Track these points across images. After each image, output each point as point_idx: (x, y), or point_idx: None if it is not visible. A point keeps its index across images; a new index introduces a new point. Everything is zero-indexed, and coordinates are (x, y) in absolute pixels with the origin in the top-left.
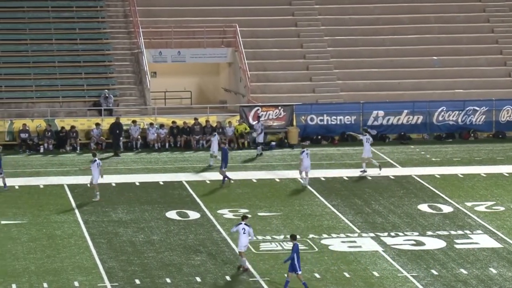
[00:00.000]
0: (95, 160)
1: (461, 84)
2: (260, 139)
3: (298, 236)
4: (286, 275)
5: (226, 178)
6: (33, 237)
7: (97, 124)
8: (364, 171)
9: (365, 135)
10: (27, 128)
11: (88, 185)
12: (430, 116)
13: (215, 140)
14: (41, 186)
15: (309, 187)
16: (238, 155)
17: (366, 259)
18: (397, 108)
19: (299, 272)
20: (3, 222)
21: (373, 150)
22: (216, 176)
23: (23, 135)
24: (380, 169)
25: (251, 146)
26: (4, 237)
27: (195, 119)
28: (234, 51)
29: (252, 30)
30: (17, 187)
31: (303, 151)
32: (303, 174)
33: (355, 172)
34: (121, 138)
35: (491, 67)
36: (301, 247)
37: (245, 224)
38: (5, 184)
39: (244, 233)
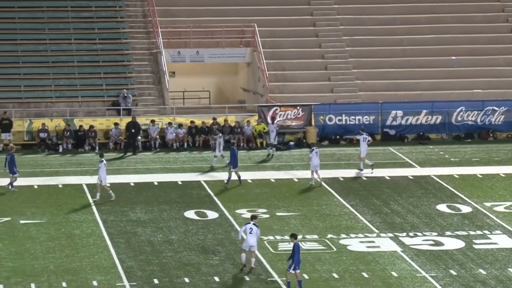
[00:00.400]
0: (102, 161)
1: (480, 84)
2: (272, 140)
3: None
4: (287, 274)
5: (239, 178)
6: (52, 237)
7: (116, 124)
8: (361, 170)
9: (362, 134)
10: (46, 127)
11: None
12: (449, 116)
13: (219, 141)
14: (60, 186)
15: (326, 186)
16: (256, 155)
17: (385, 259)
18: (416, 108)
19: (298, 270)
20: (22, 221)
21: (391, 150)
22: (234, 176)
23: (42, 135)
24: (372, 169)
25: (268, 146)
26: (23, 236)
27: (214, 118)
28: (253, 51)
29: (270, 30)
30: (36, 187)
31: (312, 150)
32: (314, 174)
33: (374, 172)
34: (139, 138)
35: (510, 67)
36: (319, 247)
37: (253, 224)
38: (11, 184)
39: (251, 232)
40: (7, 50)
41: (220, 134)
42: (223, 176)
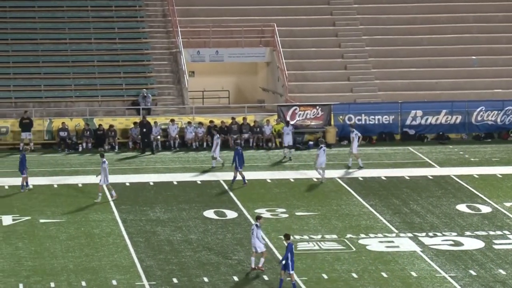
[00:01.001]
0: (104, 161)
1: (500, 84)
2: (287, 143)
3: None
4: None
5: (243, 179)
6: (71, 236)
7: (135, 123)
8: (361, 167)
9: (353, 131)
10: (66, 127)
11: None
12: (468, 116)
13: (217, 141)
14: (80, 185)
15: (345, 185)
16: (275, 154)
17: (404, 259)
18: (436, 108)
19: (291, 272)
20: (42, 220)
21: (411, 150)
22: (253, 175)
23: (62, 134)
24: (349, 169)
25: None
26: (43, 235)
27: (233, 118)
28: (272, 51)
29: (290, 30)
30: (55, 186)
31: (321, 147)
32: (319, 170)
33: (393, 172)
34: (158, 137)
35: None
36: (338, 246)
37: (255, 224)
38: (26, 183)
39: (252, 234)
40: (28, 49)
41: (218, 135)
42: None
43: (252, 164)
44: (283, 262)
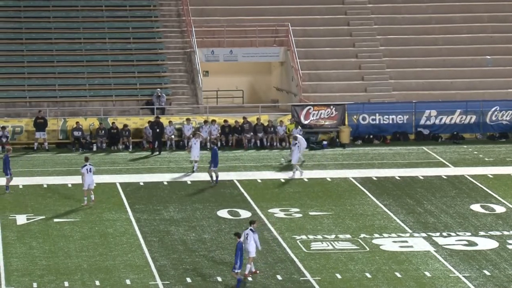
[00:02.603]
0: (85, 165)
1: None
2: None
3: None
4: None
5: (216, 178)
6: (85, 235)
7: (149, 122)
8: (295, 174)
9: (295, 143)
10: (80, 126)
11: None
12: (483, 115)
13: (195, 144)
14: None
15: (359, 185)
16: (289, 154)
17: (418, 259)
18: (450, 108)
19: (238, 271)
20: (56, 220)
21: (425, 150)
22: (267, 175)
23: (76, 133)
24: (294, 173)
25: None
26: (57, 235)
27: (244, 118)
28: (287, 50)
29: (304, 29)
30: (69, 186)
31: (295, 144)
32: (294, 169)
33: (408, 172)
34: (172, 137)
35: None
36: (352, 246)
37: (250, 229)
38: (7, 187)
39: (247, 238)
40: (42, 49)
41: (195, 140)
42: (256, 175)
43: (266, 164)
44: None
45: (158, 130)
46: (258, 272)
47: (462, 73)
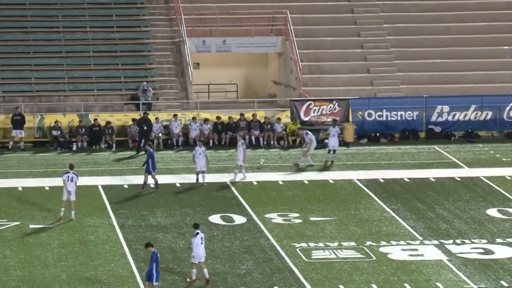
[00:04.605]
0: (68, 172)
1: None
2: (333, 145)
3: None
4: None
5: (156, 183)
6: (64, 243)
7: (134, 120)
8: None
9: (243, 142)
10: (59, 124)
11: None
12: (500, 111)
13: (200, 154)
14: None
15: (365, 188)
16: (288, 154)
17: (429, 269)
18: (464, 103)
19: (156, 283)
20: (32, 226)
21: (437, 149)
22: (263, 177)
23: (54, 132)
24: (235, 177)
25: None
26: (33, 242)
27: (241, 114)
28: (285, 40)
29: (304, 17)
30: (47, 188)
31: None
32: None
33: (418, 173)
34: (160, 135)
35: None
36: (357, 255)
37: (197, 232)
38: None
39: (202, 243)
40: (17, 39)
41: (200, 149)
42: (252, 177)
43: (262, 164)
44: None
45: (146, 127)
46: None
47: (477, 65)
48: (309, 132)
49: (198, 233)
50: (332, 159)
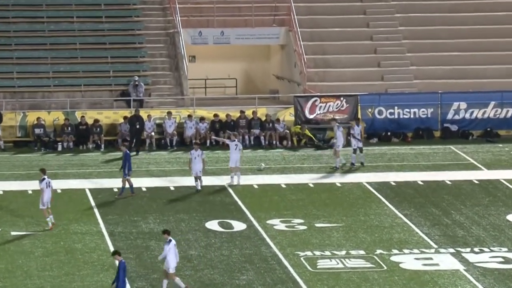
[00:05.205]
0: (44, 178)
1: None
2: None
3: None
4: None
5: (131, 187)
6: (48, 251)
7: (125, 118)
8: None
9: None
10: (43, 122)
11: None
12: None
13: (195, 159)
14: (59, 191)
15: (375, 191)
16: (291, 155)
17: (445, 279)
18: (483, 99)
19: None
20: (13, 233)
21: (453, 149)
22: (265, 180)
23: (37, 131)
24: (232, 180)
25: (307, 145)
26: (15, 250)
27: (241, 112)
28: (288, 31)
29: (309, 6)
30: (30, 192)
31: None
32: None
33: (432, 176)
34: (152, 134)
35: None
36: (366, 264)
37: (170, 240)
38: None
39: (176, 249)
40: None
41: (196, 153)
42: (253, 180)
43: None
44: (114, 284)
45: (138, 126)
46: None
47: (496, 58)
48: (341, 126)
49: (170, 240)
50: (361, 160)
